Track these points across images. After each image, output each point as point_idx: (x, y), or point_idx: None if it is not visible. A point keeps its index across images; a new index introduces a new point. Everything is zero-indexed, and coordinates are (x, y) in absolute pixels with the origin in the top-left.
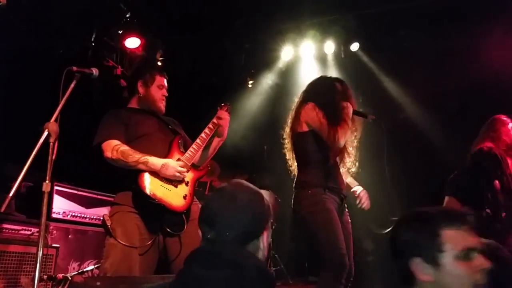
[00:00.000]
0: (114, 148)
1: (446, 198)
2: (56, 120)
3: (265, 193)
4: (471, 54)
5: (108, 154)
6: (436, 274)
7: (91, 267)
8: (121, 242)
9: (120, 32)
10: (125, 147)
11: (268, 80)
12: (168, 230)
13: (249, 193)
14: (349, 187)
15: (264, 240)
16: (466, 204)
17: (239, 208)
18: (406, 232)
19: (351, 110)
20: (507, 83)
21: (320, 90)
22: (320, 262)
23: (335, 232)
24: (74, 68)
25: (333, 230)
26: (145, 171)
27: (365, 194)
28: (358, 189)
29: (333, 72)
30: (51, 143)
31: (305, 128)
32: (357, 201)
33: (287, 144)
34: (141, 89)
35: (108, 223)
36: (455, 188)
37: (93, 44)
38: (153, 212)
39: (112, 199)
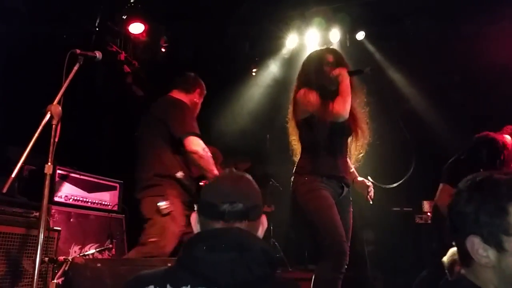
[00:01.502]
0: (204, 148)
1: (441, 186)
2: (59, 103)
3: None
4: (478, 44)
5: (198, 148)
6: (498, 260)
7: (92, 251)
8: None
9: (124, 17)
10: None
11: (272, 68)
12: None
13: (248, 177)
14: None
15: (263, 222)
16: None
17: (249, 183)
18: (466, 203)
19: (345, 74)
20: None
21: (309, 70)
22: (319, 250)
23: (332, 219)
24: (78, 51)
25: (330, 217)
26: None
27: (371, 185)
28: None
29: None
30: (53, 126)
31: (302, 116)
32: (367, 192)
33: (291, 132)
34: (197, 98)
35: (169, 209)
36: (451, 175)
37: (96, 29)
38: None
39: (114, 183)
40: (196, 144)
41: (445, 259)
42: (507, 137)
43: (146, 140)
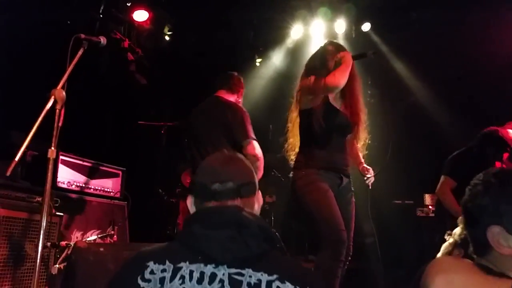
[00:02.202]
0: (260, 151)
1: (442, 178)
2: (63, 88)
3: None
4: (486, 36)
5: (258, 152)
6: None
7: (94, 237)
8: None
9: (129, 4)
10: None
11: (276, 58)
12: None
13: (242, 156)
14: (356, 159)
15: (259, 198)
16: (463, 184)
17: (239, 161)
18: (484, 195)
19: (348, 56)
20: None
21: (313, 60)
22: (318, 240)
23: (330, 210)
24: (82, 36)
25: (328, 207)
26: None
27: (370, 170)
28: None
29: None
30: (57, 110)
31: (303, 106)
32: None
33: (290, 125)
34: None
35: None
36: (454, 168)
37: (101, 15)
38: None
39: (117, 171)
40: (256, 149)
41: (439, 254)
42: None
43: (207, 140)
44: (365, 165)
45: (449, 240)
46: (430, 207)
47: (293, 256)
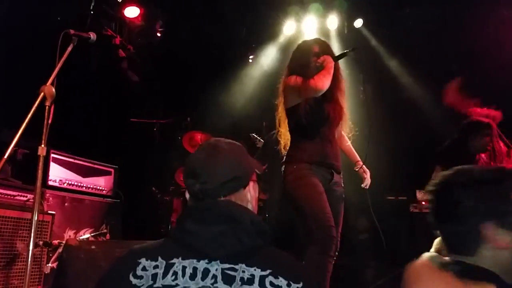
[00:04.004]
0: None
1: (437, 168)
2: (52, 84)
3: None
4: (479, 32)
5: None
6: None
7: (87, 235)
8: None
9: (120, 0)
10: None
11: (269, 54)
12: None
13: (230, 142)
14: (351, 158)
15: (251, 190)
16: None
17: (221, 156)
18: (469, 195)
19: (329, 59)
20: None
21: (297, 60)
22: (307, 235)
23: (320, 205)
24: (72, 31)
25: (318, 202)
26: None
27: (368, 172)
28: (359, 166)
29: (335, 49)
30: (47, 107)
31: (291, 103)
32: (363, 180)
33: (279, 123)
34: None
35: None
36: (442, 158)
37: (91, 12)
38: None
39: (109, 168)
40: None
41: (432, 249)
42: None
43: None
44: (363, 166)
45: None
46: (423, 203)
47: (287, 251)
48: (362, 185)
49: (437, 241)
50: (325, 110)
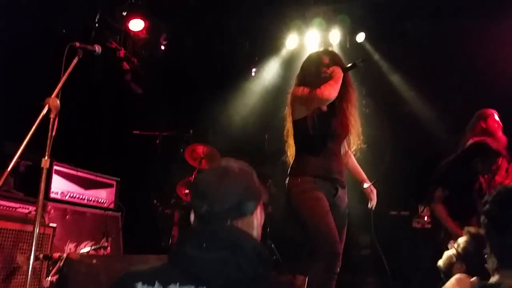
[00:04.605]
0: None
1: (432, 188)
2: (57, 96)
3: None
4: (479, 46)
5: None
6: None
7: (87, 248)
8: None
9: (125, 13)
10: None
11: (272, 68)
12: None
13: (240, 166)
14: (358, 176)
15: (258, 216)
16: (452, 193)
17: (231, 179)
18: None
19: (338, 70)
20: None
21: (307, 71)
22: (312, 251)
23: (325, 220)
24: (77, 44)
25: (322, 217)
26: None
27: (374, 192)
28: (367, 185)
29: None
30: (51, 119)
31: (297, 115)
32: (369, 201)
33: (287, 134)
34: None
35: None
36: (442, 177)
37: (96, 24)
38: None
39: (111, 181)
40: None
41: (440, 263)
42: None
43: None
44: (371, 185)
45: (452, 250)
46: (426, 218)
47: (289, 268)
48: (369, 205)
49: (448, 254)
50: (331, 124)
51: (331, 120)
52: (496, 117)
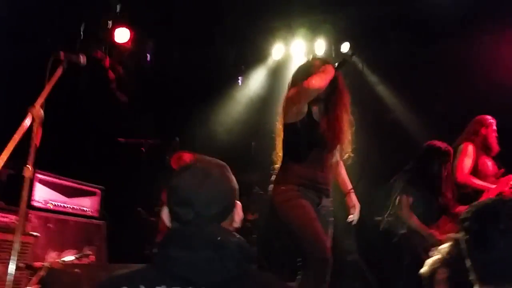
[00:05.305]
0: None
1: (399, 197)
2: (41, 106)
3: None
4: (461, 55)
5: None
6: None
7: (70, 257)
8: None
9: (110, 23)
10: None
11: (258, 77)
12: None
13: (219, 166)
14: (344, 187)
15: (238, 210)
16: (416, 199)
17: (214, 183)
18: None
19: (329, 67)
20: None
21: (298, 71)
22: (300, 259)
23: (313, 227)
24: (62, 54)
25: (310, 225)
26: None
27: (358, 209)
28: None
29: None
30: (34, 129)
31: (288, 119)
32: (350, 215)
33: (278, 141)
34: None
35: None
36: (405, 185)
37: (82, 34)
38: None
39: (95, 189)
40: None
41: (423, 270)
42: None
43: None
44: (353, 197)
45: (437, 255)
46: None
47: (274, 274)
48: (349, 219)
49: (432, 261)
50: (319, 131)
51: (320, 127)
52: (495, 126)
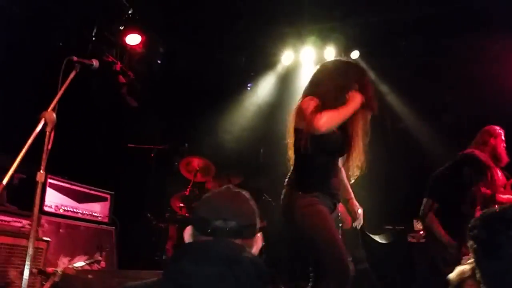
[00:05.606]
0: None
1: (424, 200)
2: (53, 110)
3: None
4: (472, 64)
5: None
6: None
7: (81, 263)
8: None
9: (122, 28)
10: None
11: (267, 83)
12: None
13: (246, 193)
14: (346, 193)
15: (258, 241)
16: (442, 204)
17: (244, 200)
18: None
19: (358, 98)
20: (506, 98)
21: (327, 82)
22: (319, 269)
23: (332, 235)
24: (75, 58)
25: (330, 233)
26: None
27: (361, 214)
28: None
29: None
30: (47, 133)
31: (296, 125)
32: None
33: (289, 141)
34: None
35: None
36: (432, 189)
37: (93, 38)
38: None
39: (105, 194)
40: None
41: (452, 276)
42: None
43: None
44: (355, 202)
45: (467, 265)
46: (421, 232)
47: (284, 283)
48: (353, 224)
49: (464, 269)
50: (331, 139)
51: (333, 134)
52: (503, 136)
